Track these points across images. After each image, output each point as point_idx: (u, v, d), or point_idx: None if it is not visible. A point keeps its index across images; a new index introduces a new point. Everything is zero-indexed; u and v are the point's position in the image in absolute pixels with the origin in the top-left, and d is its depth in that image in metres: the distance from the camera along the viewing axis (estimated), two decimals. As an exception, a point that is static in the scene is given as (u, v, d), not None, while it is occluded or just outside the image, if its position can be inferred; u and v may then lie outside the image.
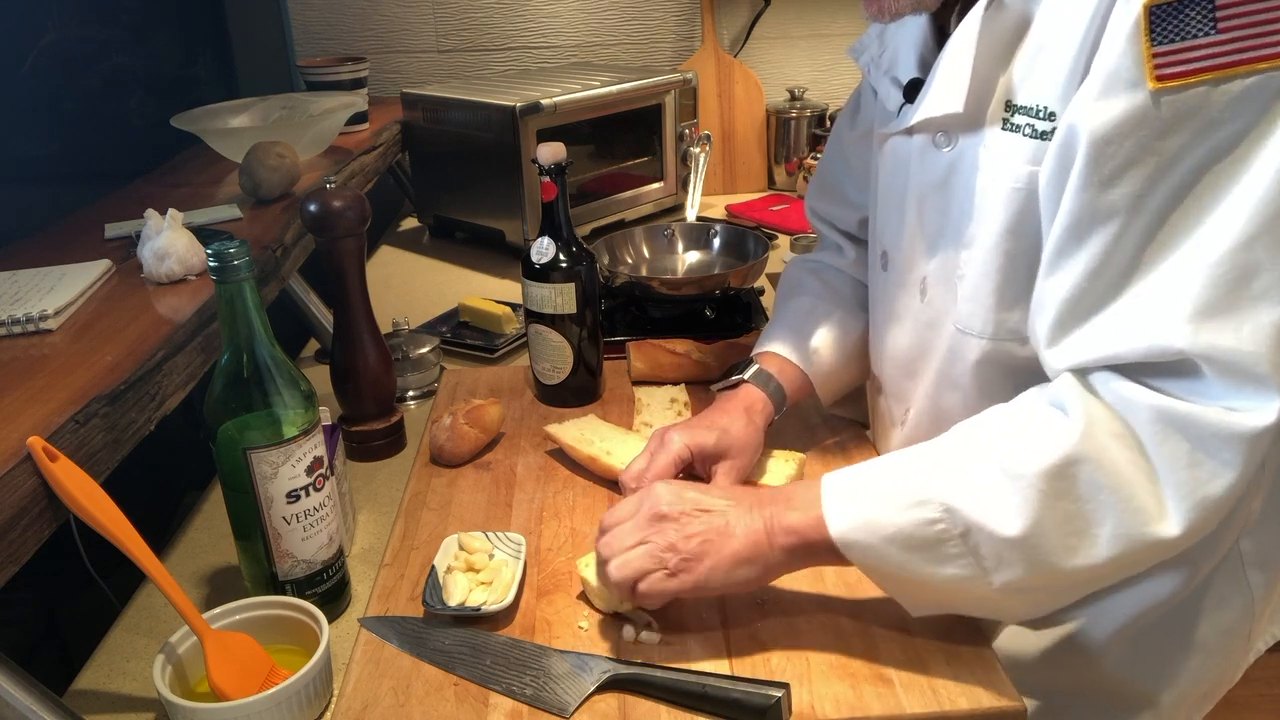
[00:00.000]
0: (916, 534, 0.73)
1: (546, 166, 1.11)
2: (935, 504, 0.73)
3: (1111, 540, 0.70)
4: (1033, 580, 0.73)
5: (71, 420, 0.76)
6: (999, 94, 0.80)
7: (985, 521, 0.71)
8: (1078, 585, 0.76)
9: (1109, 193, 0.69)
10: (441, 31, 2.25)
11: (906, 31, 0.93)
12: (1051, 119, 0.76)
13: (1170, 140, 0.66)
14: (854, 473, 0.79)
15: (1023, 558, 0.71)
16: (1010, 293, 0.82)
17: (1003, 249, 0.81)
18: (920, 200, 0.90)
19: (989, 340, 0.85)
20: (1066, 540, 0.71)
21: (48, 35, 1.56)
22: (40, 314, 0.93)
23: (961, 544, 0.72)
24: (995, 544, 0.72)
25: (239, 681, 0.75)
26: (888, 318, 0.98)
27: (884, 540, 0.74)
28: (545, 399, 1.22)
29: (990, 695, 0.73)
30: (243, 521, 0.83)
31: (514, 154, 1.68)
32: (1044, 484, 0.70)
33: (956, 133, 0.85)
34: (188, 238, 1.06)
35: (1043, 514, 0.70)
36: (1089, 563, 0.71)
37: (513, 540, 0.91)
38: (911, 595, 0.78)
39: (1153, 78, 0.66)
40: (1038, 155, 0.77)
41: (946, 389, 0.91)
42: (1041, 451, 0.71)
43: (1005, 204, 0.80)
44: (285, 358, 0.82)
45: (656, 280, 1.41)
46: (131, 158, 1.64)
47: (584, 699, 0.74)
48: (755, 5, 2.26)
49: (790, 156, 2.26)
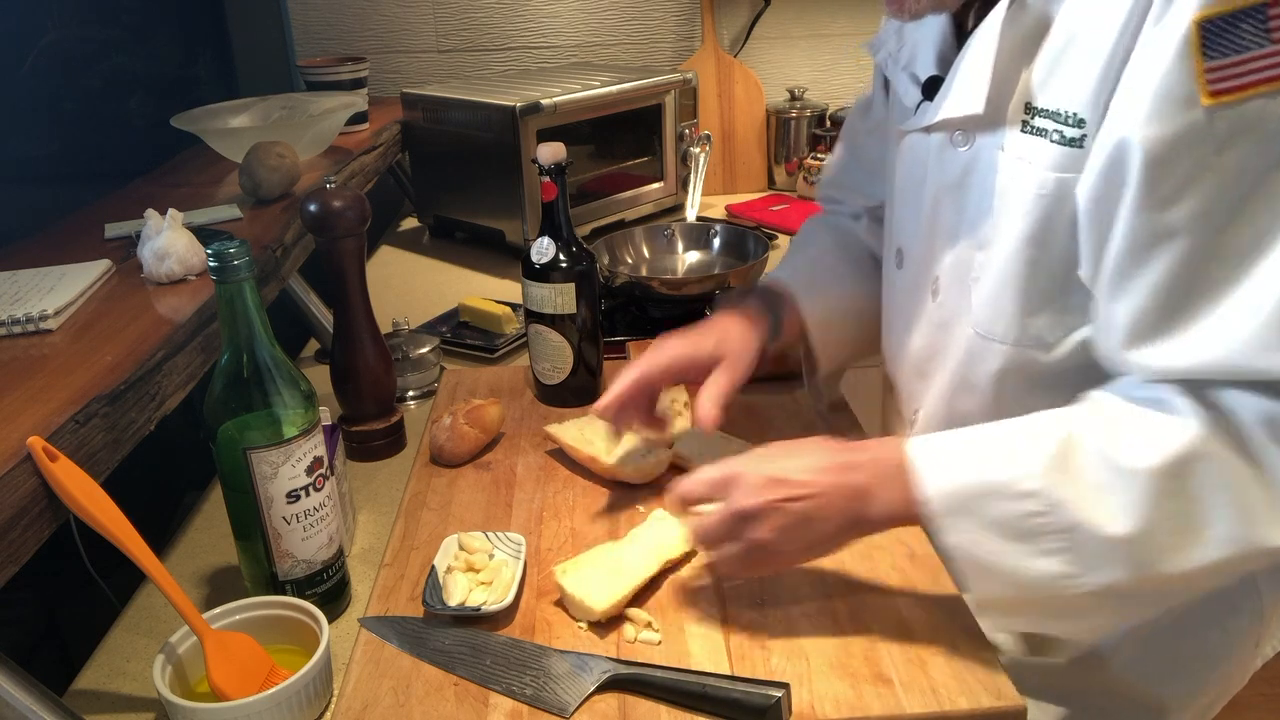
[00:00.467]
0: (1018, 524, 0.72)
1: (546, 166, 1.10)
2: (1042, 497, 0.71)
3: (1223, 542, 0.68)
4: (1130, 584, 0.71)
5: (71, 420, 0.76)
6: (1018, 95, 0.79)
7: (1091, 519, 0.70)
8: (1171, 593, 0.74)
9: (1170, 212, 0.68)
10: (441, 31, 2.25)
11: (926, 28, 0.93)
12: (1080, 125, 0.74)
13: (1229, 155, 0.65)
14: (948, 450, 0.77)
15: (1127, 558, 0.70)
16: (1034, 299, 0.81)
17: (1025, 256, 0.80)
18: (936, 198, 0.89)
19: (1011, 346, 0.84)
20: (1174, 540, 0.69)
21: (48, 35, 1.56)
22: (40, 314, 0.93)
23: (1063, 539, 0.71)
24: (1099, 543, 0.70)
25: (239, 681, 0.75)
26: (901, 316, 0.98)
27: (982, 525, 0.73)
28: (545, 399, 1.22)
29: (990, 695, 0.73)
30: (243, 521, 0.83)
31: (514, 154, 1.68)
32: (1158, 483, 0.69)
33: (974, 132, 0.84)
34: (188, 238, 1.06)
35: (1153, 513, 0.69)
36: (1195, 565, 0.69)
37: (513, 540, 0.91)
38: (992, 586, 0.76)
39: (1206, 93, 0.64)
40: (1066, 162, 0.76)
41: (962, 393, 0.90)
42: (1155, 448, 0.69)
43: (1029, 210, 0.79)
44: (285, 358, 0.82)
45: (656, 280, 1.41)
46: (131, 158, 1.64)
47: (584, 699, 0.74)
48: (755, 5, 2.26)
49: (790, 156, 2.26)
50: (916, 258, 0.94)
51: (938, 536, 0.76)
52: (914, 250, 0.94)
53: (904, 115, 0.95)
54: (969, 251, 0.85)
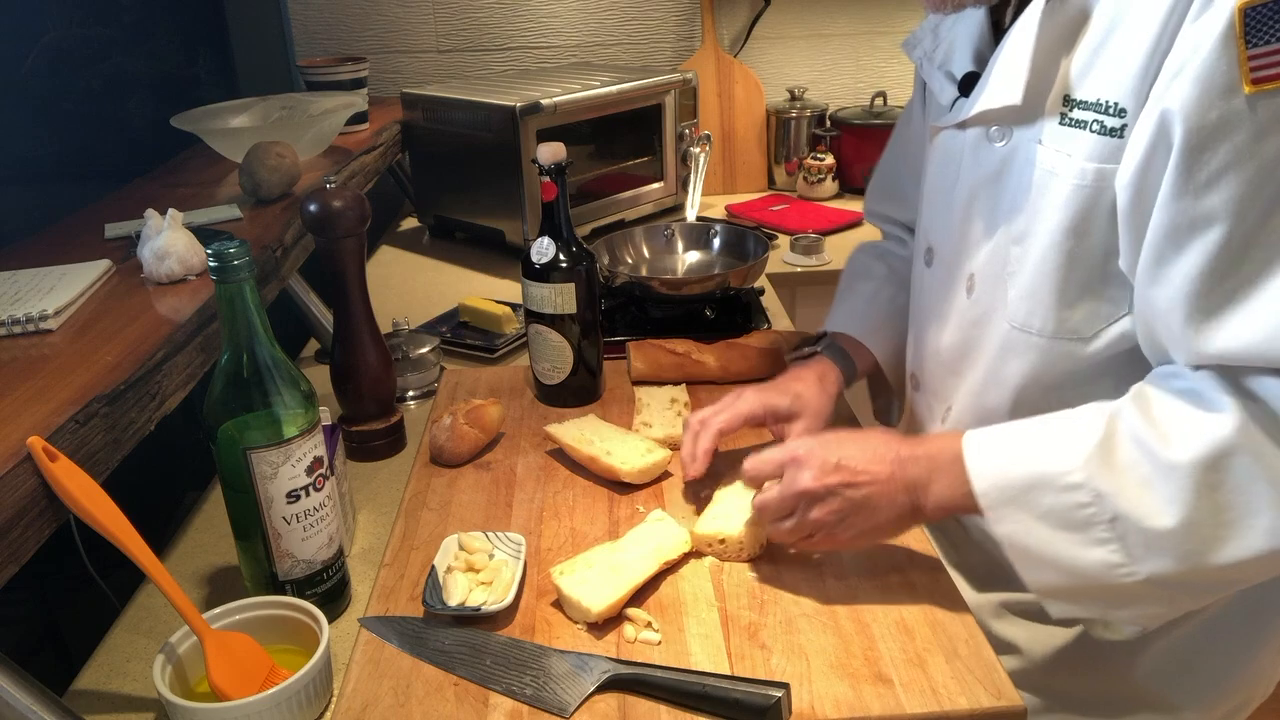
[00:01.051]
0: (1067, 515, 0.74)
1: (546, 166, 1.10)
2: (1087, 489, 0.73)
3: (1268, 533, 0.69)
4: (1180, 574, 0.72)
5: (71, 420, 0.76)
6: (1057, 88, 0.80)
7: (1135, 512, 0.71)
8: (1222, 582, 0.75)
9: (1208, 198, 0.68)
10: (441, 31, 2.25)
11: (963, 26, 0.93)
12: (1122, 115, 0.75)
13: (1269, 143, 0.66)
14: (999, 444, 0.79)
15: (1174, 549, 0.71)
16: (1072, 291, 0.81)
17: (1064, 248, 0.80)
18: (971, 195, 0.89)
19: (1049, 339, 0.84)
20: (1219, 532, 0.70)
21: (48, 35, 1.56)
22: (40, 314, 0.93)
23: (1111, 530, 0.73)
24: (1145, 535, 0.71)
25: (239, 681, 0.75)
26: (931, 315, 0.98)
27: (1034, 516, 0.75)
28: (545, 399, 1.22)
29: (990, 695, 0.73)
30: (243, 521, 0.83)
31: (514, 154, 1.68)
32: (1199, 475, 0.70)
33: (1011, 127, 0.84)
34: (188, 238, 1.06)
35: (1196, 506, 0.70)
36: (1241, 556, 0.70)
37: (513, 540, 0.91)
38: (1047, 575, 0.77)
39: (1248, 81, 0.65)
40: (1105, 153, 0.76)
41: (993, 388, 0.90)
42: (1195, 442, 0.70)
43: (1067, 202, 0.79)
44: (285, 358, 0.82)
45: (656, 280, 1.41)
46: (131, 158, 1.64)
47: (584, 699, 0.74)
48: (755, 5, 2.26)
49: (790, 156, 2.26)
50: (948, 256, 0.94)
51: (991, 527, 0.78)
52: (945, 248, 0.95)
53: (939, 114, 0.95)
54: (1004, 247, 0.85)
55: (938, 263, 0.96)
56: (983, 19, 0.91)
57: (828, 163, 2.19)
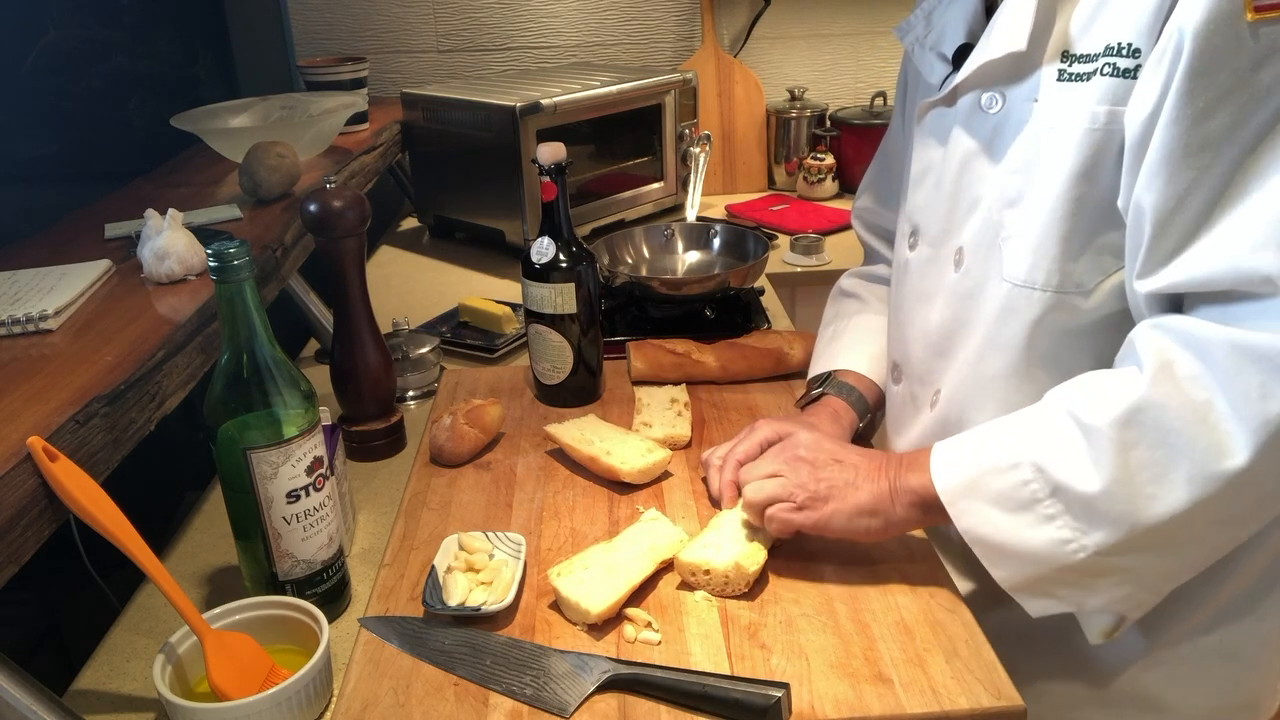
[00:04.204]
0: (1014, 495, 0.76)
1: (546, 166, 1.10)
2: (1027, 465, 0.76)
3: (1188, 482, 0.70)
4: (1124, 541, 0.73)
5: (71, 420, 0.76)
6: (1053, 45, 0.81)
7: (1069, 480, 0.73)
8: (1171, 544, 0.75)
9: (1204, 124, 0.69)
10: (441, 31, 2.25)
11: (955, 9, 0.94)
12: (1135, 55, 0.75)
13: (1265, 72, 0.67)
14: (961, 439, 0.83)
15: (1107, 513, 0.72)
16: (1077, 240, 0.81)
17: (1072, 195, 0.80)
18: (961, 167, 0.90)
19: (1053, 293, 0.84)
20: (1145, 489, 0.71)
21: (48, 35, 1.56)
22: (40, 314, 0.93)
23: (1055, 504, 0.74)
24: (1082, 502, 0.73)
25: (239, 681, 0.75)
26: (916, 298, 0.98)
27: (986, 503, 0.77)
28: (545, 399, 1.22)
29: (990, 695, 0.73)
30: (243, 521, 0.83)
31: (514, 154, 1.68)
32: (1115, 434, 0.71)
33: (1005, 89, 0.85)
34: (188, 238, 1.06)
35: (1118, 465, 0.71)
36: (1172, 509, 0.71)
37: (513, 540, 0.91)
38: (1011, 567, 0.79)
39: (1251, 9, 0.66)
40: (1119, 94, 0.76)
41: (992, 354, 0.89)
42: (1111, 402, 0.72)
43: (1078, 147, 0.79)
44: (285, 358, 0.82)
45: (656, 280, 1.41)
46: (131, 158, 1.64)
47: (584, 699, 0.74)
48: (755, 5, 2.26)
49: (790, 156, 2.26)
50: (935, 234, 0.94)
51: (956, 524, 0.80)
52: (932, 227, 0.95)
53: (928, 93, 0.96)
54: (997, 212, 0.86)
55: (923, 243, 0.97)
56: (975, 2, 0.92)
57: (828, 163, 2.19)
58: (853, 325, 1.15)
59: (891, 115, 1.19)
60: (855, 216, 1.26)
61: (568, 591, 0.82)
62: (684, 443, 1.10)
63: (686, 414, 1.15)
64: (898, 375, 1.04)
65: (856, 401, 1.07)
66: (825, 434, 0.94)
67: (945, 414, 0.94)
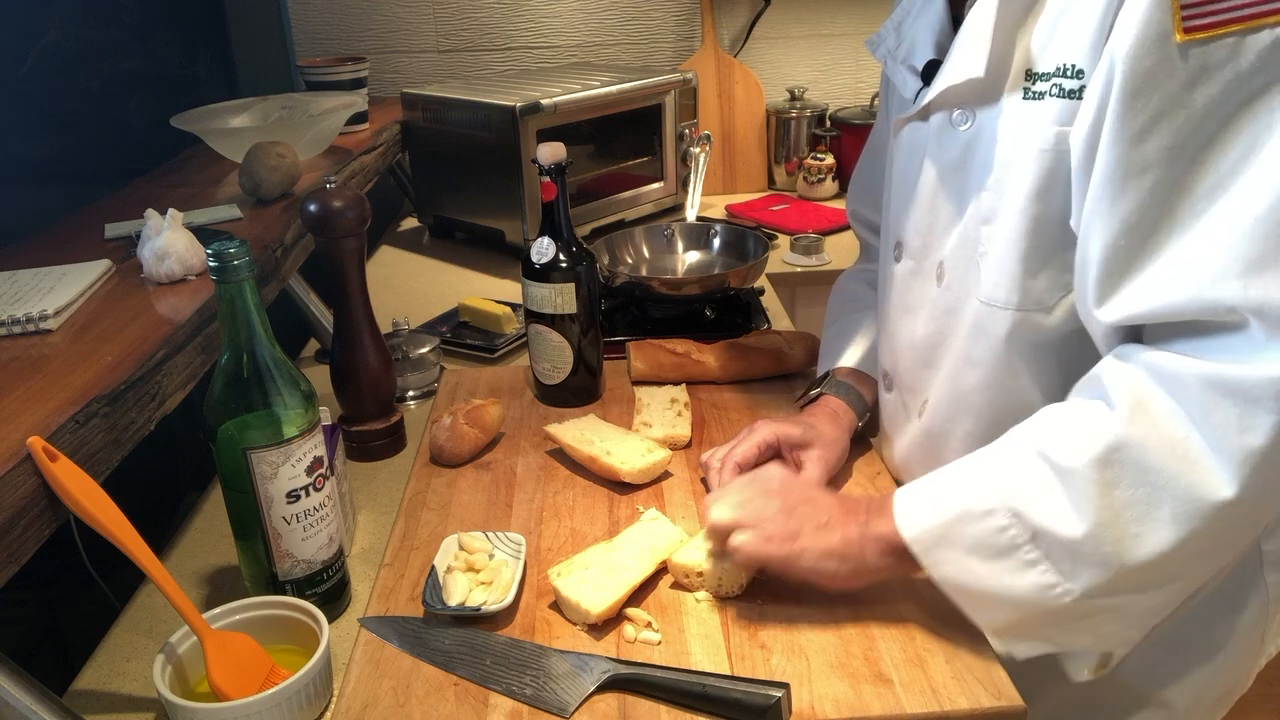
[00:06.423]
0: (991, 542, 0.74)
1: (546, 166, 1.11)
2: (1002, 510, 0.74)
3: (1173, 520, 0.69)
4: (1111, 583, 0.72)
5: (71, 420, 0.76)
6: (1018, 64, 0.80)
7: (1049, 524, 0.72)
8: (1159, 582, 0.74)
9: (1142, 147, 0.69)
10: (441, 31, 2.25)
11: (924, 21, 0.94)
12: (1079, 77, 0.75)
13: (1199, 92, 0.66)
14: (924, 484, 0.81)
15: (1093, 556, 0.71)
16: (1035, 258, 0.81)
17: (1030, 214, 0.80)
18: (938, 183, 0.90)
19: (1015, 310, 0.84)
20: (1130, 529, 0.70)
21: (48, 35, 1.56)
22: (40, 314, 0.93)
23: (1034, 549, 0.73)
24: (1064, 546, 0.71)
25: (239, 681, 0.75)
26: (902, 310, 0.98)
27: (962, 552, 0.75)
28: (545, 399, 1.22)
29: (990, 695, 0.73)
30: (243, 521, 0.83)
31: (514, 154, 1.68)
32: (1095, 474, 0.70)
33: (974, 108, 0.84)
34: (188, 238, 1.06)
35: (1101, 507, 0.70)
36: (1159, 549, 0.69)
37: (513, 540, 0.91)
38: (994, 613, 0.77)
39: (1180, 29, 0.65)
40: (1066, 115, 0.76)
41: (967, 369, 0.90)
42: (1086, 442, 0.70)
43: (1032, 167, 0.79)
44: (285, 358, 0.82)
45: (656, 280, 1.41)
46: (131, 158, 1.63)
47: (584, 699, 0.74)
48: (755, 5, 2.26)
49: (790, 156, 2.26)
50: (917, 247, 0.94)
51: (932, 574, 0.78)
52: (914, 241, 0.95)
53: (903, 107, 0.95)
54: (973, 229, 0.86)
55: (906, 256, 0.97)
56: (943, 13, 0.92)
57: (828, 163, 2.19)
58: (853, 324, 1.15)
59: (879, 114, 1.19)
60: (850, 214, 1.26)
61: (568, 591, 0.82)
62: (684, 443, 1.10)
63: (686, 414, 1.15)
64: (889, 383, 1.04)
65: (855, 401, 1.07)
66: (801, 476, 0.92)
67: (931, 424, 0.95)
